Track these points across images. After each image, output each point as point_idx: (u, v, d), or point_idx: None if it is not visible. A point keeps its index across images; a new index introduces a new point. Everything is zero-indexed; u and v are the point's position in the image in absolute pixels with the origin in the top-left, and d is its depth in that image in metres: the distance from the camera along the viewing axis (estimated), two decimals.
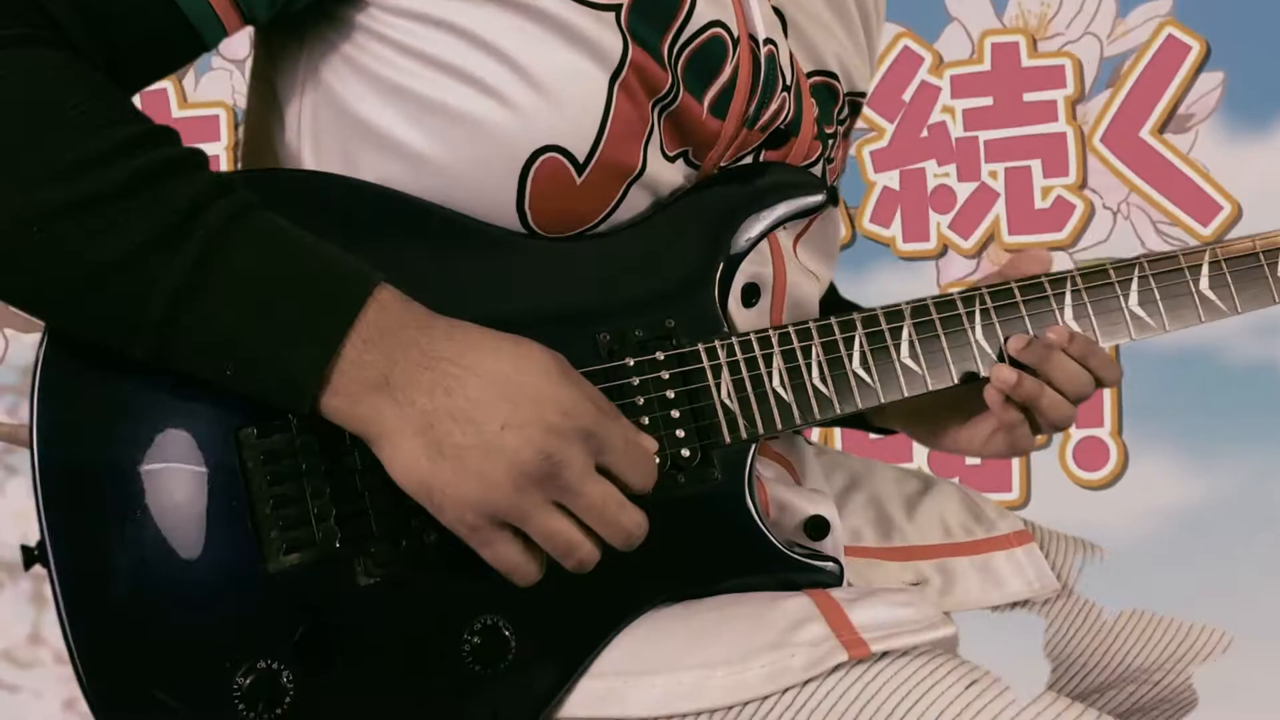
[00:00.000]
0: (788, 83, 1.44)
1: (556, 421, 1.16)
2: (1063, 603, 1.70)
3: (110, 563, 1.18)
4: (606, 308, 1.34)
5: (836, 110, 1.55)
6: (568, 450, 1.16)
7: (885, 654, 1.26)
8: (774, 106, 1.42)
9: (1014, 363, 1.43)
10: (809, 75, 1.50)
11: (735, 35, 1.38)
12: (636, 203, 1.38)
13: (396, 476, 1.15)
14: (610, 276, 1.35)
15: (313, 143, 1.34)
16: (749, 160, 1.44)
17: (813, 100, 1.49)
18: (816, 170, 1.50)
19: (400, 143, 1.30)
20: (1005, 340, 1.43)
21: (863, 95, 1.61)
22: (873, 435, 1.74)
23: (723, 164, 1.42)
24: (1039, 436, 1.49)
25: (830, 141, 1.53)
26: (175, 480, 1.19)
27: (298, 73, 1.34)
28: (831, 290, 1.73)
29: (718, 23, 1.36)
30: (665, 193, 1.39)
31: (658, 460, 1.24)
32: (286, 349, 1.14)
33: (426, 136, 1.29)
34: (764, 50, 1.40)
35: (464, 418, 1.14)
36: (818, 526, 1.43)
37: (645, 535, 1.21)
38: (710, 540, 1.35)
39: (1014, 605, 1.68)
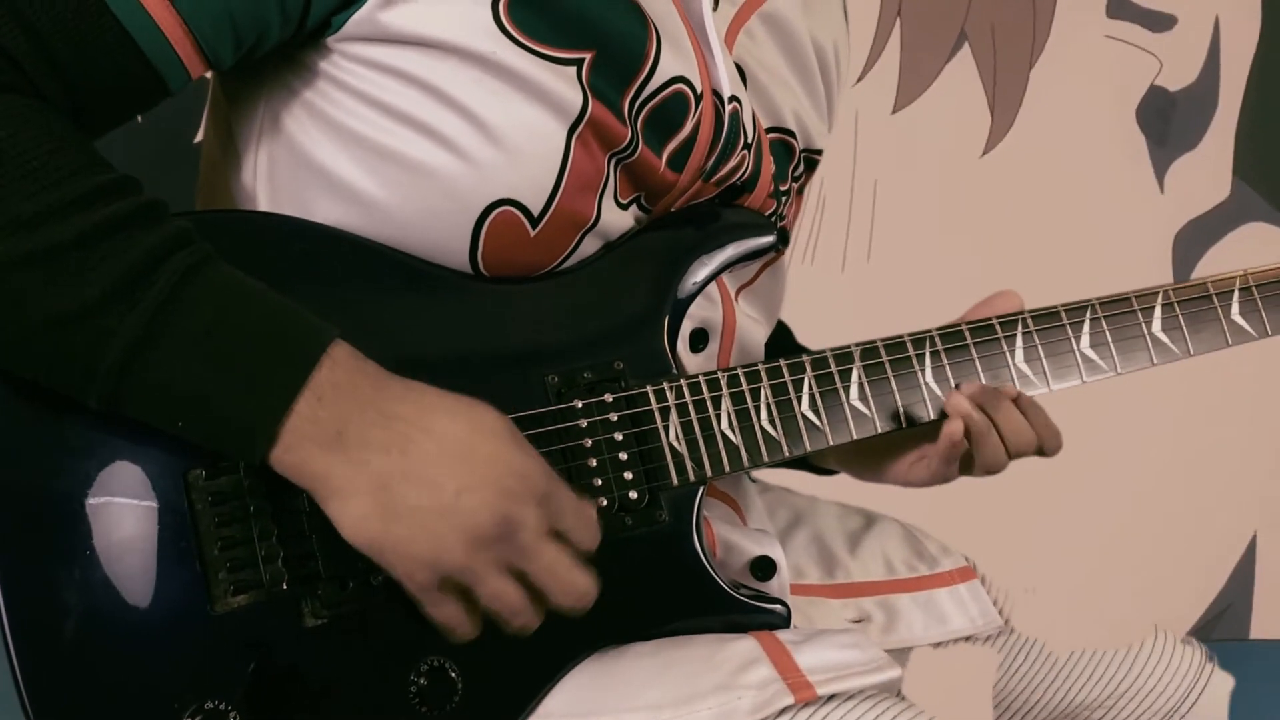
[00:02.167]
0: (749, 140, 1.50)
1: (512, 485, 1.22)
2: (1005, 639, 1.77)
3: (59, 603, 1.22)
4: (555, 349, 1.40)
5: (792, 167, 1.61)
6: (523, 513, 1.22)
7: (832, 696, 1.32)
8: (733, 163, 1.48)
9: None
10: (767, 131, 1.56)
11: (698, 91, 1.44)
12: (588, 249, 1.43)
13: (346, 534, 1.20)
14: (559, 318, 1.41)
15: (268, 187, 1.39)
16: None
17: (771, 157, 1.55)
18: (769, 229, 1.54)
19: (356, 190, 1.35)
20: (956, 385, 1.50)
21: (819, 153, 1.67)
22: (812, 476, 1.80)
23: (673, 210, 1.49)
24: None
25: (784, 198, 1.60)
26: (124, 521, 1.24)
27: (256, 117, 1.39)
28: (783, 333, 1.79)
29: (681, 79, 1.42)
30: (616, 237, 1.46)
31: (603, 510, 1.32)
32: (239, 405, 1.19)
33: (382, 185, 1.34)
34: (728, 107, 1.46)
35: (419, 479, 1.19)
36: (764, 567, 1.49)
37: (594, 598, 1.27)
38: (657, 582, 1.41)
39: (957, 640, 1.75)
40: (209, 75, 1.38)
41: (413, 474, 1.19)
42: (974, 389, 1.49)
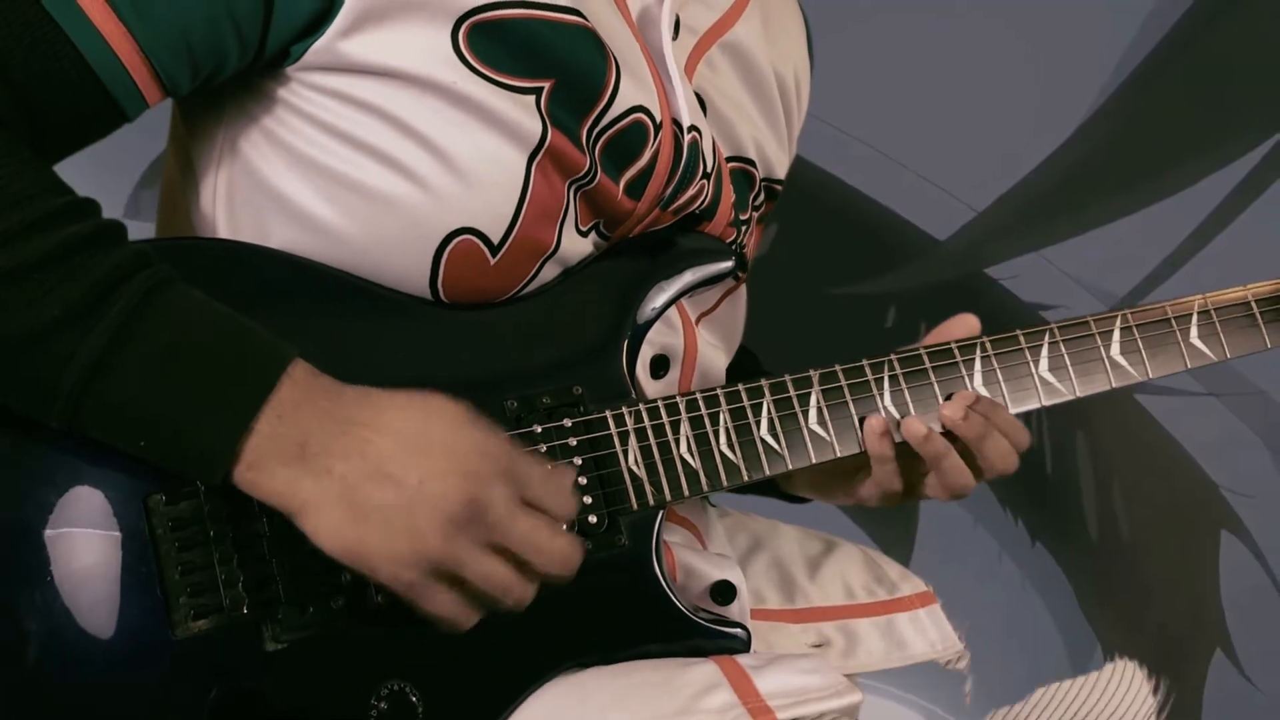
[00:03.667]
0: (708, 169, 1.55)
1: (474, 465, 1.25)
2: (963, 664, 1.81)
3: (20, 628, 1.26)
4: (514, 374, 1.44)
5: (752, 196, 1.66)
6: (490, 490, 1.25)
7: None
8: (691, 191, 1.53)
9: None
10: (727, 160, 1.61)
11: (658, 120, 1.48)
12: (548, 277, 1.48)
13: (325, 546, 1.24)
14: (518, 344, 1.45)
15: (228, 214, 1.43)
16: None
17: (731, 186, 1.60)
18: (729, 255, 1.58)
19: (315, 218, 1.39)
20: (947, 397, 1.53)
21: (780, 182, 1.72)
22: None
23: (632, 237, 1.53)
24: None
25: (744, 227, 1.64)
26: (85, 546, 1.28)
27: (215, 144, 1.43)
28: (745, 356, 1.83)
29: (640, 108, 1.47)
30: (576, 264, 1.50)
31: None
32: (199, 425, 1.23)
33: (341, 214, 1.39)
34: (688, 136, 1.51)
35: (382, 477, 1.23)
36: (724, 592, 1.53)
37: (582, 558, 1.30)
38: (618, 606, 1.45)
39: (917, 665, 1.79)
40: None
41: (374, 473, 1.23)
42: (960, 415, 1.52)
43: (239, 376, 1.24)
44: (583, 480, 1.43)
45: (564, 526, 1.31)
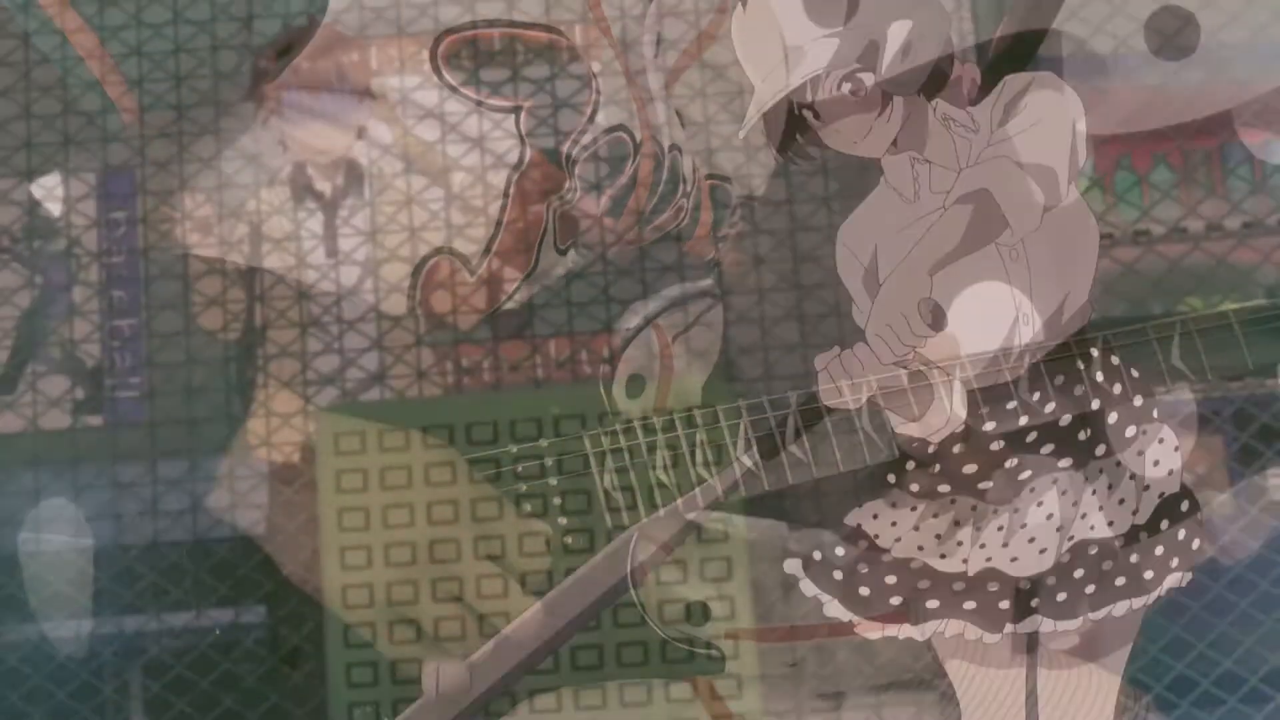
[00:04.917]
0: (688, 187, 1.57)
1: None
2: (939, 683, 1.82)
3: None
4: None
5: (730, 213, 1.67)
6: None
7: None
8: (671, 209, 1.55)
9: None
10: (706, 178, 1.62)
11: (638, 140, 1.50)
12: (525, 294, 1.49)
13: None
14: None
15: None
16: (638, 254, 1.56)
17: (710, 203, 1.62)
18: (706, 274, 1.61)
19: None
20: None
21: (756, 200, 1.73)
22: None
23: (610, 255, 1.55)
24: None
25: (721, 244, 1.66)
26: None
27: None
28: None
29: (621, 127, 1.48)
30: (553, 281, 1.51)
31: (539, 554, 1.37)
32: None
33: None
34: (668, 156, 1.53)
35: None
36: (700, 612, 1.55)
37: None
38: (593, 627, 1.46)
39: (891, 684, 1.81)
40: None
41: None
42: None
43: None
44: (558, 500, 1.44)
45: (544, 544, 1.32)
